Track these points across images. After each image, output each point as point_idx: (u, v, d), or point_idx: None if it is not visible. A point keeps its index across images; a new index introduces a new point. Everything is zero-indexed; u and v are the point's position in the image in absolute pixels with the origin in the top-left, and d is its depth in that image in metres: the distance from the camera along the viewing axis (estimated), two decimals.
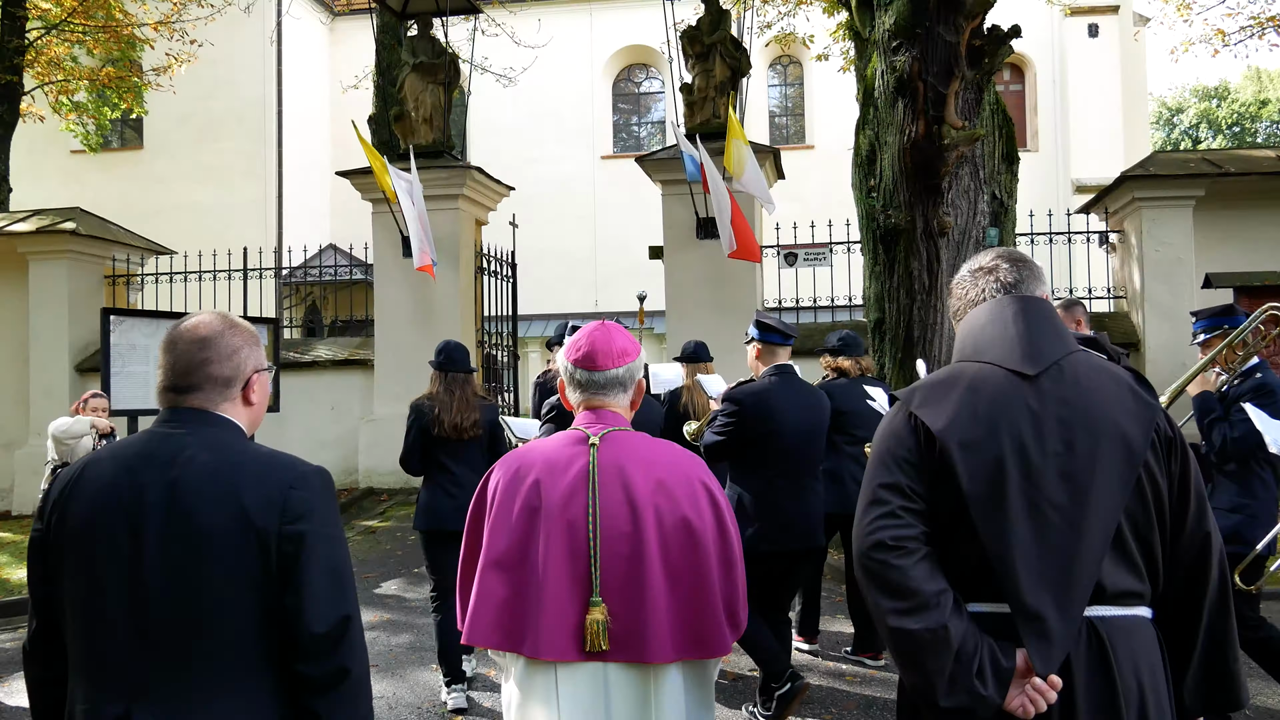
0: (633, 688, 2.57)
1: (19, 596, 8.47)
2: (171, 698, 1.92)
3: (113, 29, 17.02)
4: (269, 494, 1.97)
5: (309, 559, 1.95)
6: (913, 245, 8.41)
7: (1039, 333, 2.24)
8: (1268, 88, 45.75)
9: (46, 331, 12.93)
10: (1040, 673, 2.03)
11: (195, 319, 2.14)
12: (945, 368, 2.34)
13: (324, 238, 26.61)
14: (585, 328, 2.84)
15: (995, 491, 2.10)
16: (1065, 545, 2.08)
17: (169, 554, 1.92)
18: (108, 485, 1.99)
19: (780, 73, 28.90)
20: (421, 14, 12.90)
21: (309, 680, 1.94)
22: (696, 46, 12.00)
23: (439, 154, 12.36)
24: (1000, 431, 2.13)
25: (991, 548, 2.08)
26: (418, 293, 12.23)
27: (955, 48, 8.10)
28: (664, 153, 12.06)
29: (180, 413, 2.08)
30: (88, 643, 1.96)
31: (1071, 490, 2.11)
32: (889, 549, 2.10)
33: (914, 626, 2.04)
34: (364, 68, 20.30)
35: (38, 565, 2.06)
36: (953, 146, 8.06)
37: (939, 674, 2.03)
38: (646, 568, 2.54)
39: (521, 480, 2.64)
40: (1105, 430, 2.14)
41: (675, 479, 2.63)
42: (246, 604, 1.93)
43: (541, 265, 21.11)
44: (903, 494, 2.15)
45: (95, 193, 23.13)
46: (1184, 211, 10.90)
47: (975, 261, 2.44)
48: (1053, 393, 2.17)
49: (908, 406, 2.23)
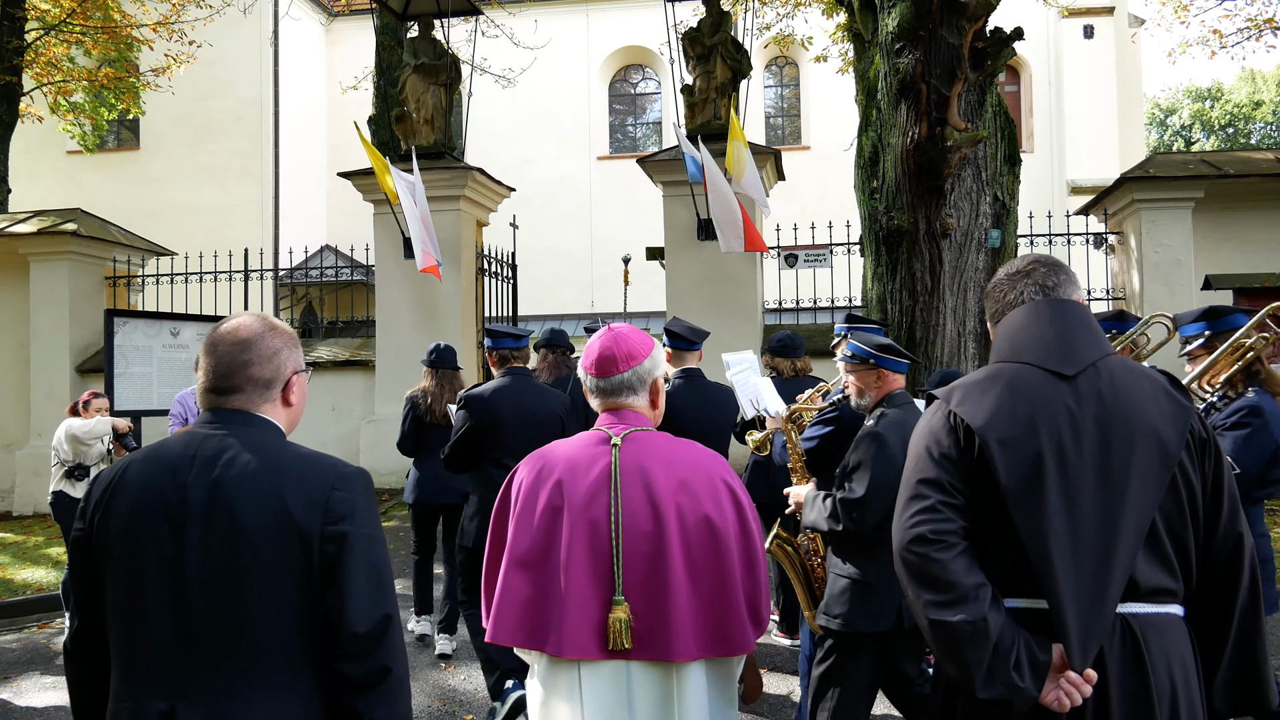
0: (655, 686, 2.59)
1: (22, 597, 8.46)
2: (215, 695, 1.93)
3: (111, 30, 17.01)
4: (311, 495, 1.99)
5: (351, 559, 1.97)
6: (915, 247, 8.45)
7: (1075, 335, 2.29)
8: (1261, 89, 45.90)
9: (47, 332, 12.92)
10: (1075, 667, 2.07)
11: (236, 321, 2.16)
12: (984, 368, 2.38)
13: (320, 239, 26.62)
14: (596, 334, 2.87)
15: (1033, 487, 2.14)
16: (1100, 541, 2.12)
17: (212, 554, 1.94)
18: (150, 486, 2.01)
19: (776, 74, 28.94)
20: (423, 15, 12.91)
21: (350, 679, 1.96)
22: (697, 48, 12.03)
23: (440, 155, 12.38)
24: (1039, 429, 2.17)
25: (1029, 542, 2.11)
26: (419, 294, 12.24)
27: (958, 50, 8.15)
28: (665, 154, 12.08)
29: (221, 414, 2.10)
30: (131, 641, 1.97)
31: (1107, 488, 2.15)
32: (929, 543, 2.15)
33: (953, 619, 2.08)
34: (363, 68, 20.33)
35: (80, 564, 2.07)
36: (955, 148, 8.10)
37: (977, 666, 2.07)
38: (669, 566, 2.55)
39: (545, 480, 2.67)
40: (1141, 430, 2.18)
41: (697, 478, 2.65)
42: (289, 603, 1.95)
43: (538, 266, 21.13)
44: (943, 489, 2.20)
45: (91, 193, 23.15)
46: (1183, 213, 10.95)
47: (1012, 266, 2.48)
48: (1090, 393, 2.21)
49: (947, 405, 2.28)
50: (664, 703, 2.59)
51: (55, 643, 7.33)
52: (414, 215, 10.78)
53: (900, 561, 2.20)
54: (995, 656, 2.07)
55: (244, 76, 24.92)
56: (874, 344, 3.98)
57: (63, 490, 7.62)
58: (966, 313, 8.47)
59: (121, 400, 9.62)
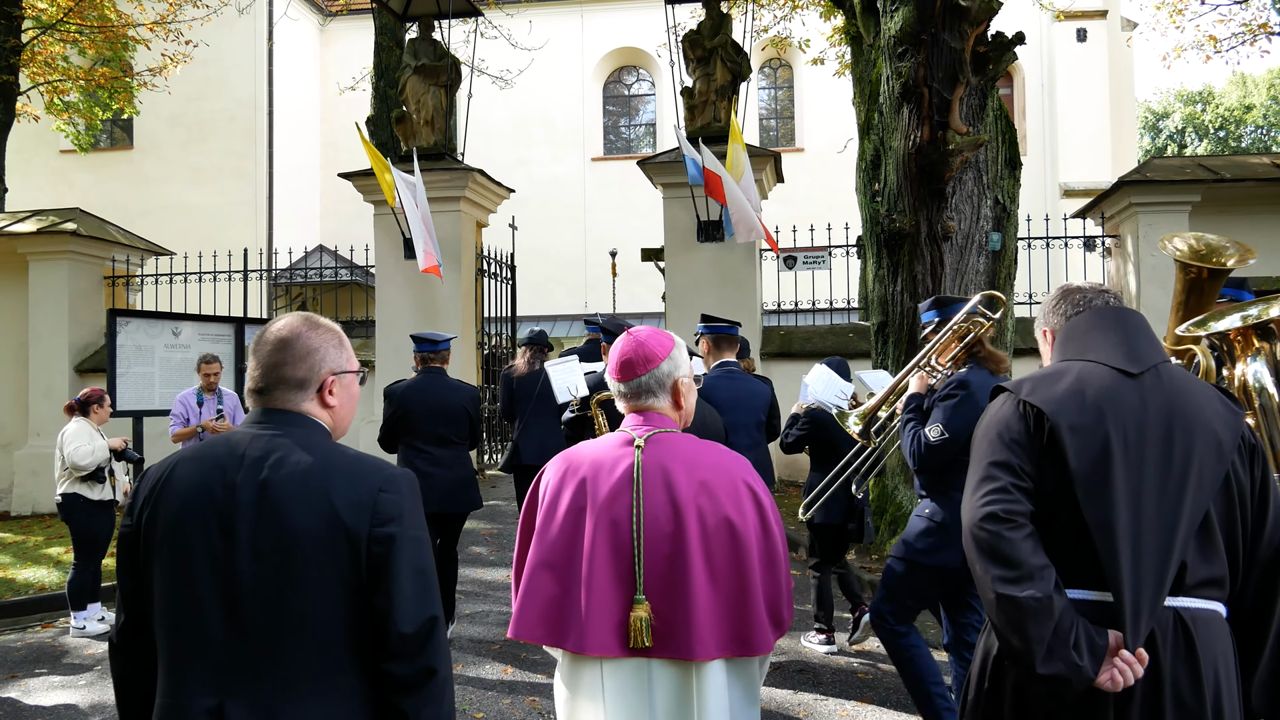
0: (676, 684, 2.64)
1: (24, 597, 8.46)
2: (263, 693, 1.94)
3: (107, 29, 16.99)
4: (360, 496, 2.00)
5: (398, 561, 1.98)
6: (917, 249, 8.50)
7: (1138, 338, 2.47)
8: (1252, 93, 46.14)
9: (46, 332, 12.91)
10: (1130, 646, 2.17)
11: (279, 321, 2.19)
12: (1050, 365, 2.54)
13: (314, 239, 26.61)
14: (621, 340, 2.91)
15: (1100, 472, 2.27)
16: (1161, 528, 2.24)
17: (262, 553, 1.96)
18: (199, 484, 2.03)
19: (770, 75, 29.03)
20: (423, 16, 12.92)
21: (396, 679, 1.97)
22: (697, 50, 12.07)
23: (441, 156, 12.40)
24: (1107, 419, 2.31)
25: (1094, 522, 2.24)
26: (419, 294, 12.26)
27: (960, 54, 8.20)
28: (665, 156, 12.12)
29: (268, 413, 2.12)
30: (179, 638, 1.99)
31: (1168, 479, 2.28)
32: (1001, 521, 2.26)
33: (1020, 594, 2.18)
34: (361, 69, 20.34)
35: (127, 560, 2.09)
36: (957, 151, 8.15)
37: (1039, 641, 2.16)
38: (689, 566, 2.60)
39: (570, 480, 2.73)
40: (1200, 429, 2.32)
41: (718, 480, 2.70)
42: (336, 603, 1.97)
43: (532, 267, 21.17)
44: (1013, 472, 2.32)
45: (85, 193, 23.12)
46: (1180, 217, 11.02)
47: (1067, 287, 2.69)
48: (1154, 390, 2.36)
49: (1017, 395, 2.42)
50: (684, 701, 2.63)
51: (60, 642, 7.34)
52: (415, 216, 10.80)
53: (971, 538, 2.30)
54: (1056, 635, 2.16)
55: (238, 77, 24.89)
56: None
57: (77, 493, 7.62)
58: None
59: (123, 400, 9.62)
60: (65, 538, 10.38)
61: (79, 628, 7.49)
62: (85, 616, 7.56)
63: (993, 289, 8.58)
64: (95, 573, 7.76)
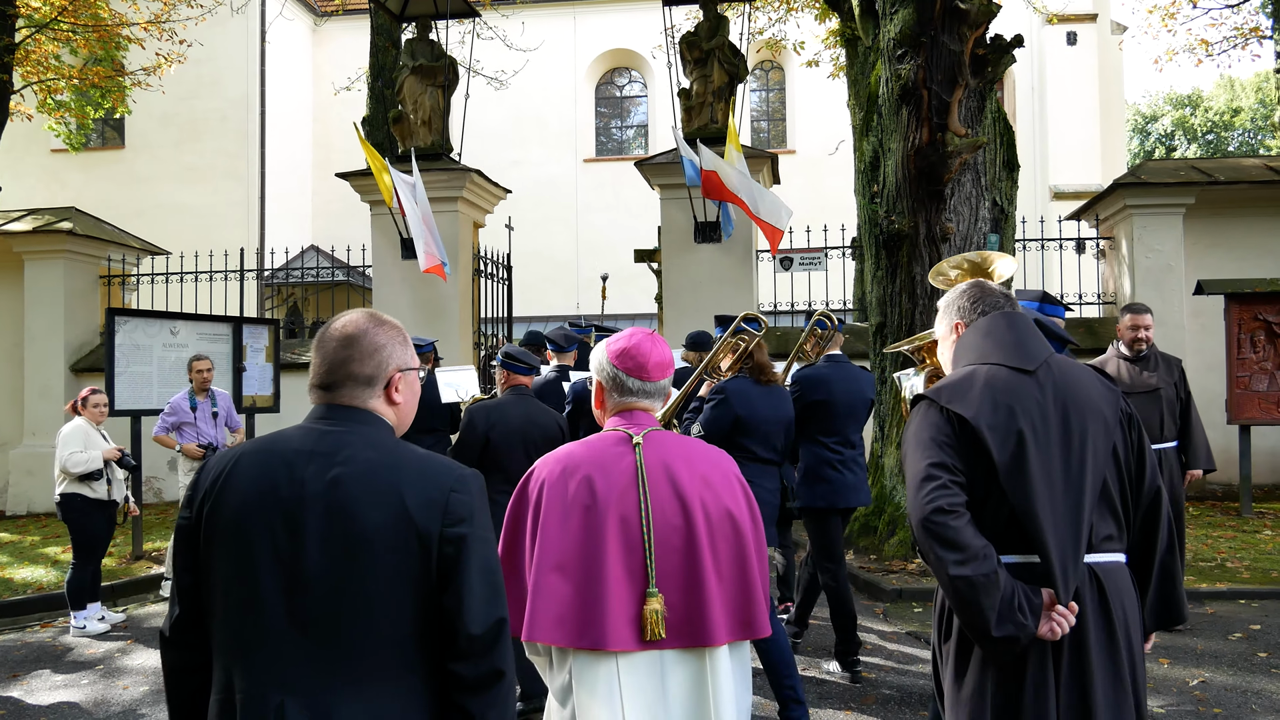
0: (689, 672, 2.73)
1: (23, 597, 8.45)
2: (325, 690, 1.93)
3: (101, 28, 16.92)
4: (431, 495, 1.99)
5: (469, 561, 1.97)
6: (915, 250, 8.55)
7: (1027, 338, 2.86)
8: (1240, 96, 46.38)
9: (42, 331, 12.89)
10: (1061, 601, 2.58)
11: (345, 318, 2.18)
12: (957, 371, 2.87)
13: (305, 239, 26.55)
14: (635, 339, 2.97)
15: (1018, 461, 2.65)
16: (1070, 500, 2.66)
17: (330, 549, 1.94)
18: (265, 478, 2.01)
19: (762, 78, 29.07)
20: (420, 16, 12.93)
21: (463, 680, 1.95)
22: (695, 52, 12.10)
23: (438, 156, 12.41)
24: (1016, 414, 2.69)
25: (1018, 504, 2.62)
26: (416, 295, 12.27)
27: (959, 56, 8.26)
28: (663, 156, 12.14)
29: (334, 409, 2.11)
30: (241, 632, 1.97)
31: (1070, 457, 2.70)
32: (946, 513, 2.58)
33: (970, 573, 2.54)
34: (356, 69, 20.30)
35: (185, 553, 2.06)
36: (956, 153, 8.21)
37: (991, 610, 2.53)
38: (699, 557, 2.70)
39: (569, 478, 2.76)
40: (1090, 411, 2.76)
41: (715, 474, 2.83)
42: (404, 602, 1.95)
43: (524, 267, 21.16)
44: (949, 470, 2.66)
45: (76, 192, 23.02)
46: (1174, 219, 11.11)
47: (962, 287, 3.07)
48: (1048, 383, 2.77)
49: (939, 402, 2.74)
50: (698, 687, 2.72)
51: (61, 641, 7.33)
52: (415, 216, 10.81)
53: (922, 530, 2.61)
54: (1004, 602, 2.53)
55: (230, 76, 24.81)
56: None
57: (76, 492, 7.61)
58: None
59: (120, 400, 9.60)
60: (62, 537, 10.38)
61: (79, 627, 7.48)
62: (85, 616, 7.55)
63: None
64: (95, 572, 7.75)
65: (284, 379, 11.60)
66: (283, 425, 9.51)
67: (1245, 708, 5.20)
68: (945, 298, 3.12)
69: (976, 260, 4.41)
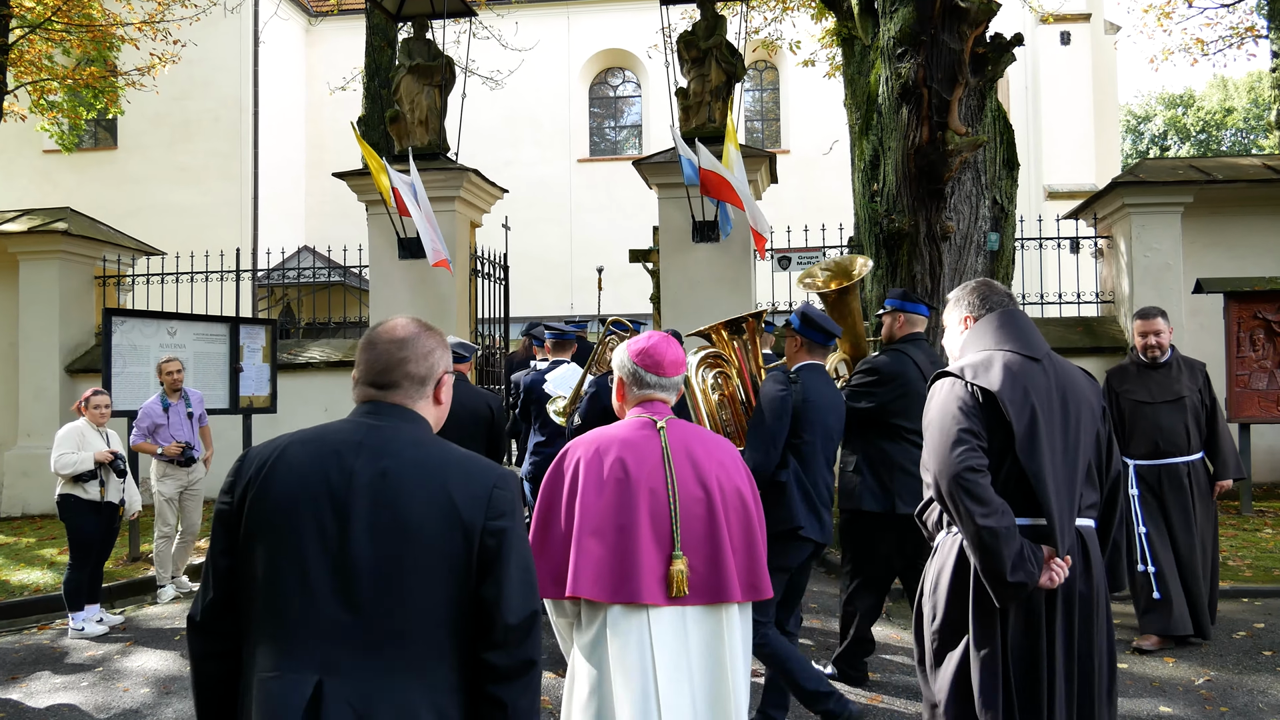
0: (708, 626, 3.15)
1: (20, 599, 8.40)
2: (364, 674, 1.98)
3: (94, 28, 16.85)
4: (475, 491, 2.09)
5: (508, 554, 2.06)
6: (916, 249, 8.53)
7: (1032, 334, 3.34)
8: (1233, 96, 46.50)
9: (37, 332, 12.81)
10: (1060, 554, 3.07)
11: (393, 322, 2.29)
12: (977, 353, 3.30)
13: (298, 240, 26.51)
14: (653, 340, 3.44)
15: (1032, 433, 3.11)
16: (1068, 470, 3.16)
17: (377, 538, 2.01)
18: (313, 467, 2.08)
19: (756, 78, 29.06)
20: (417, 16, 12.89)
21: (497, 668, 2.03)
22: (692, 51, 12.07)
23: (435, 156, 12.36)
24: (1030, 393, 3.15)
25: (1031, 471, 3.08)
26: (413, 295, 12.22)
27: (959, 55, 8.24)
28: (660, 156, 12.11)
29: (382, 406, 2.21)
30: (284, 614, 2.02)
31: (1068, 436, 3.19)
32: (976, 471, 3.04)
33: (995, 524, 2.99)
34: (350, 69, 20.26)
35: (223, 538, 2.11)
36: (956, 152, 8.19)
37: (1010, 556, 2.98)
38: (718, 526, 3.16)
39: (603, 457, 3.17)
40: (1082, 399, 3.28)
41: (725, 457, 3.31)
42: (444, 591, 2.03)
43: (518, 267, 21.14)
44: (975, 436, 3.10)
45: (69, 192, 22.94)
46: (1173, 218, 11.10)
47: (971, 285, 3.56)
48: (1051, 371, 3.26)
49: (964, 379, 3.20)
50: (714, 640, 3.14)
51: (59, 643, 7.29)
52: (419, 214, 10.78)
53: (954, 484, 3.04)
54: (1018, 552, 3.00)
55: (223, 77, 24.76)
56: None
57: (70, 493, 7.58)
58: None
59: (117, 401, 9.53)
60: (58, 539, 10.33)
61: (78, 629, 7.44)
62: (83, 618, 7.51)
63: None
64: (93, 574, 7.72)
65: (281, 379, 11.57)
66: (280, 426, 9.53)
67: (1252, 706, 5.20)
68: (955, 293, 3.57)
69: (843, 262, 5.60)
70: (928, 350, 5.57)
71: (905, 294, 5.66)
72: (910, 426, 5.26)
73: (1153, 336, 6.31)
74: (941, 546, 3.32)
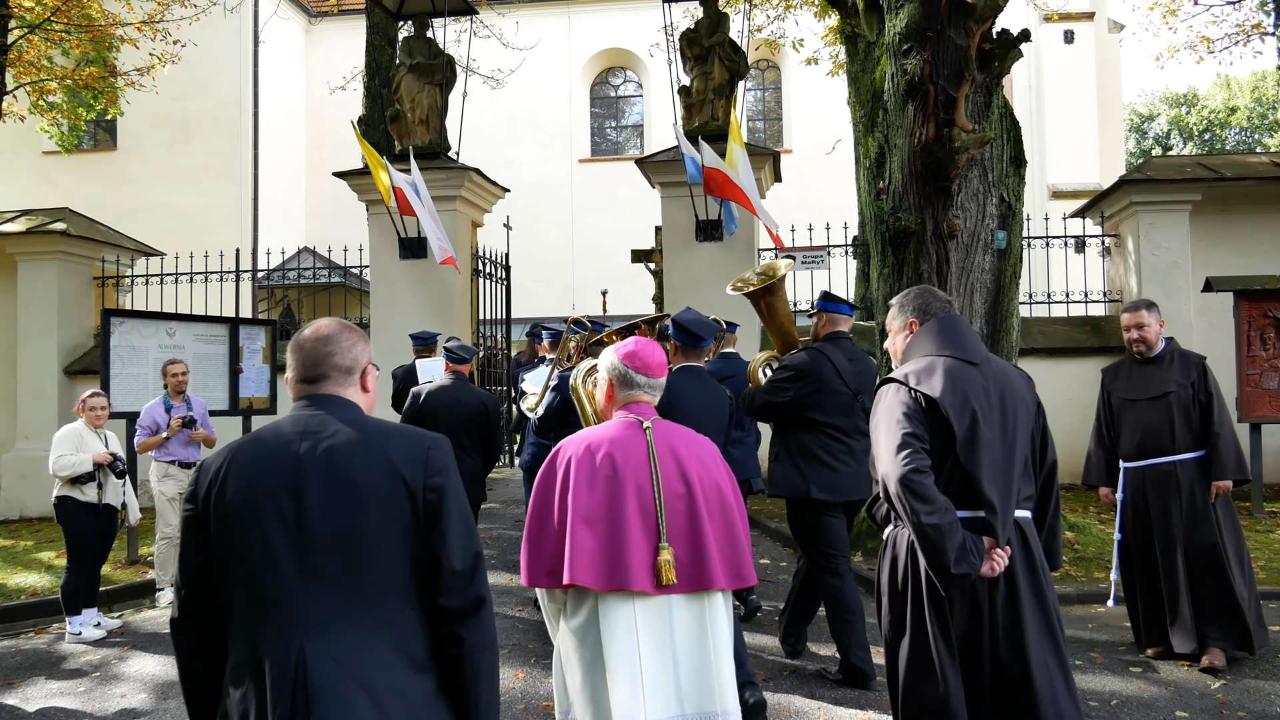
0: (692, 613, 3.39)
1: (17, 603, 8.31)
2: (340, 633, 2.20)
3: (93, 28, 16.77)
4: (413, 453, 2.32)
5: (448, 506, 2.30)
6: (922, 247, 8.43)
7: (970, 339, 3.57)
8: (1236, 95, 46.38)
9: (35, 333, 12.74)
10: (1000, 545, 3.29)
11: (315, 324, 2.50)
12: (920, 359, 3.49)
13: (298, 240, 26.43)
14: (640, 344, 3.67)
15: (972, 434, 3.33)
16: (1006, 467, 3.37)
17: (331, 505, 2.23)
18: (266, 456, 2.29)
19: (758, 77, 28.96)
20: (417, 14, 12.80)
21: (451, 610, 2.27)
22: (695, 49, 12.00)
23: (436, 155, 12.29)
24: (970, 397, 3.36)
25: (971, 470, 3.30)
26: (414, 295, 12.14)
27: (965, 51, 8.13)
28: (664, 154, 12.03)
29: (316, 398, 2.42)
30: (259, 593, 2.21)
31: (1006, 434, 3.40)
32: (920, 473, 3.21)
33: (938, 521, 3.18)
34: (351, 68, 20.18)
35: (193, 539, 2.31)
36: (963, 149, 8.08)
37: (954, 550, 3.18)
38: (700, 519, 3.40)
39: (594, 455, 3.40)
40: (1018, 397, 3.50)
41: (706, 455, 3.55)
42: (398, 547, 2.25)
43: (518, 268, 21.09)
44: (919, 439, 3.29)
45: (68, 193, 22.87)
46: (1181, 216, 11.00)
47: (913, 292, 3.76)
48: (989, 374, 3.47)
49: (908, 385, 3.40)
50: (699, 626, 3.39)
51: (56, 648, 7.19)
52: (423, 212, 10.69)
53: (900, 485, 3.21)
54: (961, 545, 3.20)
55: (223, 77, 24.69)
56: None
57: (67, 495, 7.49)
58: (973, 313, 8.45)
59: (116, 402, 9.45)
60: (56, 542, 10.24)
61: (75, 633, 7.35)
62: (81, 622, 7.42)
63: (999, 287, 8.53)
64: (91, 578, 7.63)
65: (281, 380, 11.47)
66: None
67: (1270, 711, 5.10)
68: (897, 300, 3.79)
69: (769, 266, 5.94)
70: (847, 348, 5.82)
71: (828, 295, 5.95)
72: (825, 420, 5.63)
73: (1135, 330, 5.90)
74: (890, 541, 3.57)
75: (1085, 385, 10.35)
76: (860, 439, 5.62)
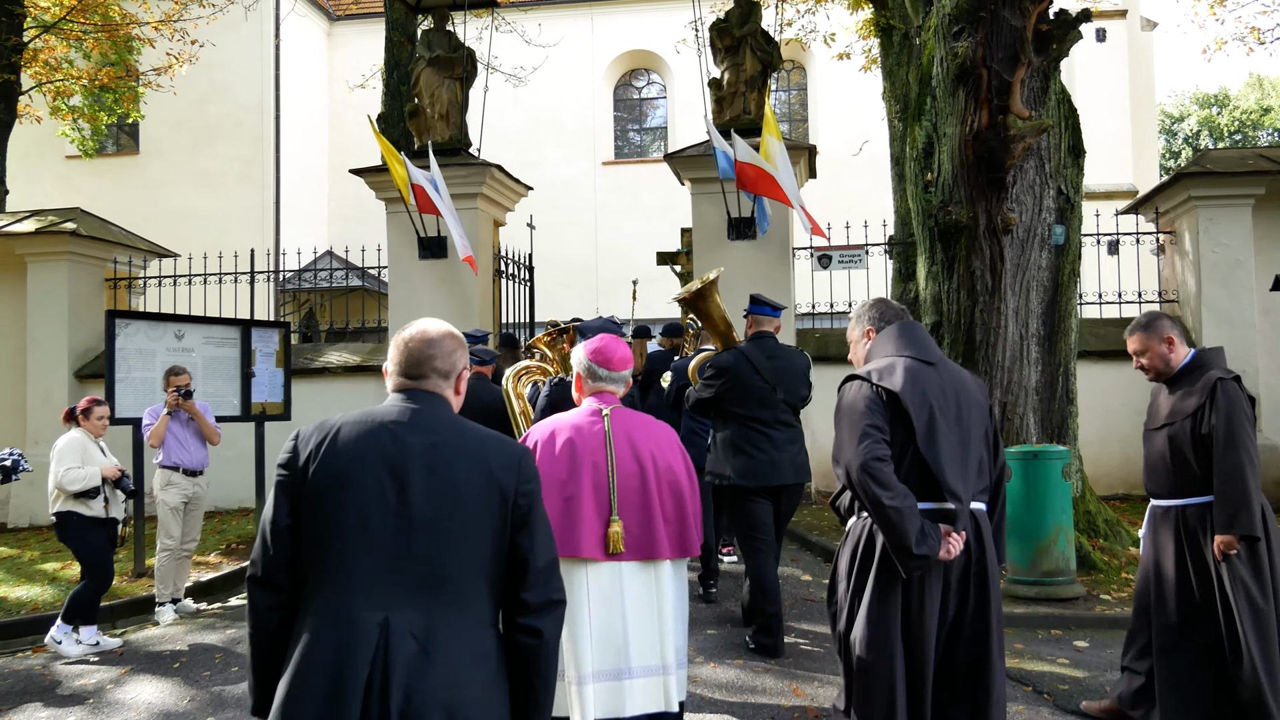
0: (641, 579, 3.91)
1: (15, 618, 7.90)
2: (421, 610, 2.36)
3: (111, 29, 16.50)
4: (508, 460, 2.52)
5: (536, 511, 2.52)
6: (974, 243, 7.93)
7: (926, 342, 3.77)
8: (1269, 95, 45.53)
9: (45, 336, 12.40)
10: (957, 531, 3.47)
11: (423, 324, 2.67)
12: (882, 359, 3.69)
13: (321, 244, 26.11)
14: (605, 341, 4.14)
15: (931, 428, 3.52)
16: (963, 459, 3.56)
17: (434, 497, 2.41)
18: (369, 439, 2.46)
19: (783, 78, 28.46)
20: (437, 7, 12.35)
21: (529, 605, 2.45)
22: (726, 40, 11.52)
23: (456, 151, 11.84)
24: (928, 394, 3.56)
25: (931, 461, 3.49)
26: (434, 296, 11.69)
27: (1021, 32, 7.65)
28: (693, 150, 11.55)
29: (416, 394, 2.59)
30: (351, 562, 2.38)
31: (961, 431, 3.59)
32: (881, 460, 3.42)
33: (900, 504, 3.36)
34: (371, 67, 19.84)
35: (285, 504, 2.46)
36: (1019, 137, 7.58)
37: (913, 533, 3.34)
38: (650, 496, 3.91)
39: (556, 439, 3.92)
40: (973, 399, 3.69)
41: (661, 439, 4.06)
42: (485, 543, 2.44)
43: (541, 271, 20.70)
44: (880, 430, 3.50)
45: (90, 198, 22.53)
46: (1243, 211, 10.43)
47: (869, 302, 3.99)
48: (944, 374, 3.68)
49: (870, 381, 3.59)
50: (648, 590, 3.91)
51: (50, 669, 6.74)
52: (444, 209, 10.26)
53: (862, 472, 3.40)
54: (920, 529, 3.36)
55: (244, 80, 24.45)
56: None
57: (71, 510, 7.09)
58: (1029, 314, 7.93)
59: (123, 407, 9.05)
60: (62, 552, 9.83)
61: (56, 641, 6.95)
62: (67, 630, 7.01)
63: (1057, 286, 8.00)
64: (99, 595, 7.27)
65: (296, 385, 11.02)
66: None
67: None
68: (856, 309, 3.99)
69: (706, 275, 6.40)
70: (769, 346, 6.27)
71: (756, 298, 6.45)
72: (744, 412, 6.13)
73: (1135, 357, 4.80)
74: (853, 530, 3.72)
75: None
76: (781, 429, 6.10)
